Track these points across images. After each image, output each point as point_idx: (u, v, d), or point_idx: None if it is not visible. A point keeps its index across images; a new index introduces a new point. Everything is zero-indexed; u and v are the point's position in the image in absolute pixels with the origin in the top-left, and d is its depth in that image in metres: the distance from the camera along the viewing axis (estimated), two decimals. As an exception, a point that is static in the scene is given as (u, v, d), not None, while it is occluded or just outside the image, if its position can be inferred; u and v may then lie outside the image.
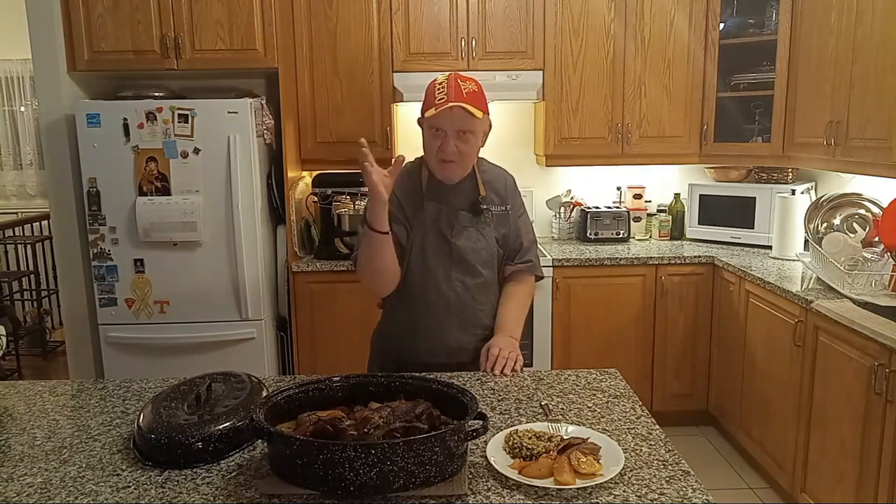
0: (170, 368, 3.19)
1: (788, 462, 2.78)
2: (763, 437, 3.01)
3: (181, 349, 3.19)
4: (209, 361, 3.20)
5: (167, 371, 3.15)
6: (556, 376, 1.80)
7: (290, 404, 1.40)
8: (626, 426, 1.50)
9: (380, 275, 1.84)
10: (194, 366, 3.19)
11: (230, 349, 3.22)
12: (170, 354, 3.19)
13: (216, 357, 3.20)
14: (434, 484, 1.22)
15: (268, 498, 1.22)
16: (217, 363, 3.19)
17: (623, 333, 3.52)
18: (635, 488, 1.24)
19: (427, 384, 1.44)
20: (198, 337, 3.17)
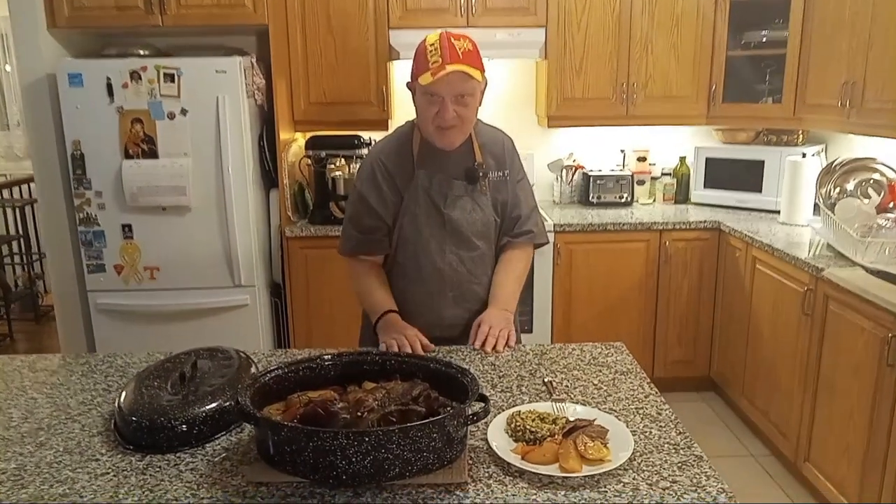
0: (162, 336, 3.12)
1: (792, 431, 2.74)
2: (767, 406, 2.96)
3: (173, 316, 3.11)
4: (202, 328, 3.13)
5: (159, 338, 3.09)
6: (559, 350, 1.73)
7: (279, 385, 1.32)
8: (633, 405, 1.42)
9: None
10: (187, 333, 3.12)
11: (223, 316, 3.14)
12: (161, 322, 3.11)
13: (209, 324, 3.13)
14: (432, 471, 1.15)
15: (255, 486, 1.14)
16: (210, 330, 3.13)
17: (625, 300, 3.45)
18: (645, 475, 1.16)
19: (425, 363, 1.36)
20: (189, 304, 3.09)
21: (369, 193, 1.82)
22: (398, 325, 1.75)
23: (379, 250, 1.87)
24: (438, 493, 1.12)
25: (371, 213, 1.82)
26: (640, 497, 1.10)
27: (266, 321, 3.27)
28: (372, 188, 1.82)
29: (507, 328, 1.78)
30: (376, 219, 1.82)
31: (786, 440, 2.80)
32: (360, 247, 1.87)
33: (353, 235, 1.87)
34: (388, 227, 1.83)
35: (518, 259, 1.91)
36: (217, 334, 3.13)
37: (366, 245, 1.87)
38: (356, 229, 1.86)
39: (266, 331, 3.26)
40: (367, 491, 1.12)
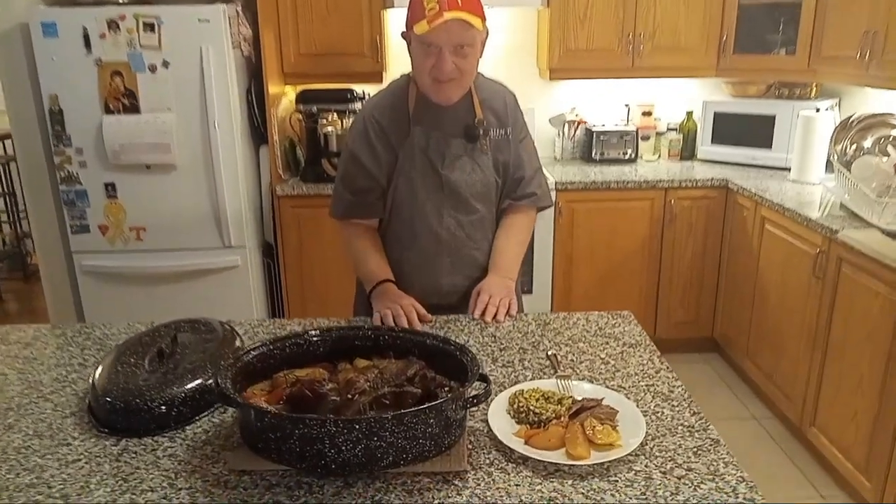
0: (151, 298, 3.03)
1: (798, 395, 2.67)
2: (772, 368, 2.90)
3: (161, 278, 3.01)
4: (192, 291, 3.04)
5: (148, 301, 3.00)
6: (563, 320, 1.63)
7: (263, 363, 1.22)
8: (644, 382, 1.33)
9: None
10: (177, 296, 3.03)
11: (214, 278, 3.04)
12: (150, 284, 3.02)
13: (199, 286, 3.04)
14: (429, 458, 1.06)
15: (237, 475, 1.06)
16: (201, 293, 3.04)
17: (628, 260, 3.35)
18: (658, 462, 1.08)
19: (420, 339, 1.26)
20: (178, 266, 2.99)
21: (361, 152, 1.70)
22: (393, 295, 1.65)
23: (372, 213, 1.76)
24: (436, 483, 1.04)
25: (363, 174, 1.71)
26: (653, 487, 1.02)
27: (258, 283, 3.17)
28: (364, 147, 1.70)
29: (508, 297, 1.68)
30: (369, 180, 1.71)
31: (791, 403, 2.74)
32: (352, 210, 1.76)
33: (345, 197, 1.75)
34: (382, 188, 1.72)
35: (520, 223, 1.80)
36: (208, 297, 3.04)
37: (358, 208, 1.75)
38: (348, 191, 1.75)
39: (258, 293, 3.17)
40: (358, 480, 1.04)
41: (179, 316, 3.05)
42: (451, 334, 1.55)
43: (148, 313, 3.04)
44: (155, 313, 3.04)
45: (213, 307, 3.05)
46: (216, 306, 3.06)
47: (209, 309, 3.03)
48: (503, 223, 1.80)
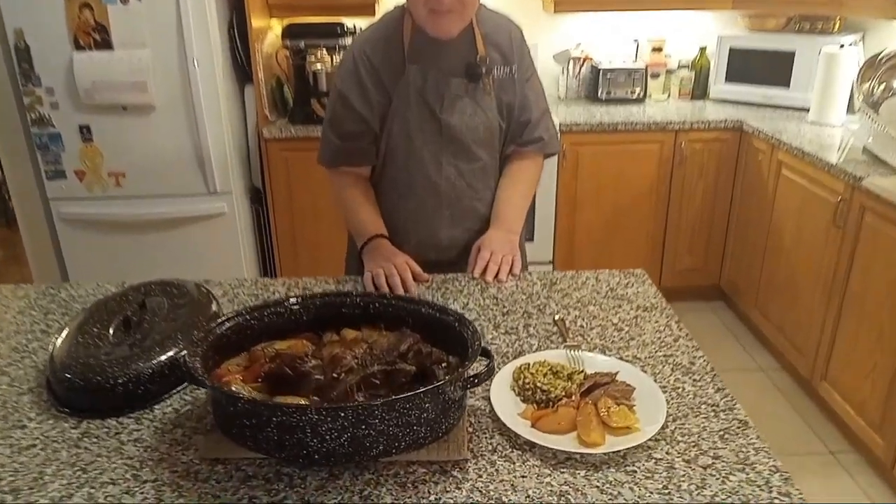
0: (134, 248, 2.89)
1: (810, 348, 2.58)
2: (782, 320, 2.79)
3: (144, 226, 2.86)
4: (178, 239, 2.90)
5: (131, 250, 2.87)
6: (571, 280, 1.50)
7: (239, 335, 1.09)
8: (661, 352, 1.21)
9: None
10: (162, 244, 2.89)
11: (200, 225, 2.90)
12: (132, 232, 2.87)
13: (185, 235, 2.89)
14: (424, 445, 0.95)
15: (209, 464, 0.94)
16: (186, 241, 2.90)
17: (634, 205, 3.20)
18: (681, 448, 0.96)
19: (415, 308, 1.13)
20: (161, 213, 2.84)
21: (351, 93, 1.54)
22: (386, 252, 1.51)
23: (364, 161, 1.60)
24: (432, 474, 0.92)
25: (353, 117, 1.54)
26: (676, 479, 0.91)
27: (247, 231, 3.03)
28: (354, 87, 1.53)
29: (512, 253, 1.54)
30: (360, 123, 1.55)
31: (801, 356, 2.65)
32: (341, 156, 1.60)
33: (333, 143, 1.60)
34: (374, 133, 1.56)
35: (525, 171, 1.65)
36: (195, 245, 2.91)
37: (348, 155, 1.60)
38: (336, 136, 1.59)
39: (247, 241, 3.03)
40: (345, 471, 0.93)
41: (166, 266, 2.94)
42: (450, 296, 1.42)
43: (132, 263, 2.91)
44: (139, 263, 2.92)
45: (201, 256, 2.92)
46: (204, 255, 2.92)
47: (196, 258, 2.90)
48: (507, 171, 1.65)
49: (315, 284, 1.48)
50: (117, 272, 2.90)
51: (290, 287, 1.47)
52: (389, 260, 1.48)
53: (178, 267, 2.92)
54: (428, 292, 1.44)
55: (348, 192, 1.62)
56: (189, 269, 2.92)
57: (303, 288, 1.47)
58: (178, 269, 2.90)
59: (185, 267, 2.92)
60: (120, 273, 2.89)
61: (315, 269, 3.14)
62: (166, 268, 2.91)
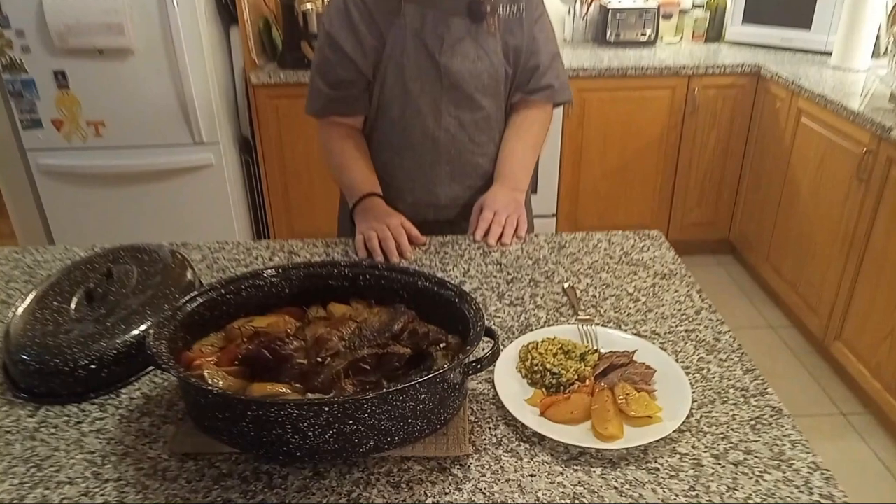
0: (118, 201, 2.75)
1: (824, 306, 2.47)
2: (795, 276, 2.68)
3: (128, 179, 2.72)
4: (163, 192, 2.76)
5: (115, 204, 2.74)
6: (581, 243, 1.38)
7: (214, 311, 0.98)
8: (682, 327, 1.10)
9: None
10: (147, 198, 2.76)
11: (187, 177, 2.75)
12: (116, 185, 2.73)
13: (171, 187, 2.75)
14: (420, 439, 0.84)
15: (179, 460, 0.84)
16: (173, 194, 2.76)
17: (643, 155, 3.06)
18: (709, 441, 0.86)
19: (411, 280, 1.01)
20: (145, 164, 2.69)
21: (340, 35, 1.39)
22: (380, 212, 1.39)
23: (355, 110, 1.46)
24: (429, 472, 0.82)
25: (344, 62, 1.40)
26: (704, 478, 0.80)
27: (236, 182, 2.88)
28: (344, 28, 1.38)
29: (517, 213, 1.41)
30: (351, 69, 1.40)
31: (814, 315, 2.55)
32: (330, 106, 1.46)
33: (322, 91, 1.45)
34: (367, 79, 1.42)
35: (533, 122, 1.50)
36: (181, 199, 2.77)
37: (338, 104, 1.46)
38: (325, 83, 1.44)
39: (237, 193, 2.89)
40: (331, 469, 0.82)
41: (153, 221, 2.81)
42: (449, 261, 1.30)
43: (118, 217, 2.78)
44: (125, 217, 2.79)
45: (189, 210, 2.79)
46: (192, 209, 2.79)
47: (184, 212, 2.78)
48: (513, 122, 1.51)
49: (302, 248, 1.36)
50: (102, 227, 2.78)
51: (274, 252, 1.35)
52: (383, 221, 1.35)
53: (166, 221, 2.79)
54: (425, 256, 1.32)
55: (338, 146, 1.48)
56: (177, 224, 2.80)
57: (289, 252, 1.34)
58: (166, 224, 2.78)
59: (172, 221, 2.80)
60: (105, 228, 2.77)
61: (309, 223, 3.01)
62: (153, 222, 2.79)
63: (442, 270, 1.27)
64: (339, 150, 1.48)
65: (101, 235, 2.78)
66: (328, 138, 1.50)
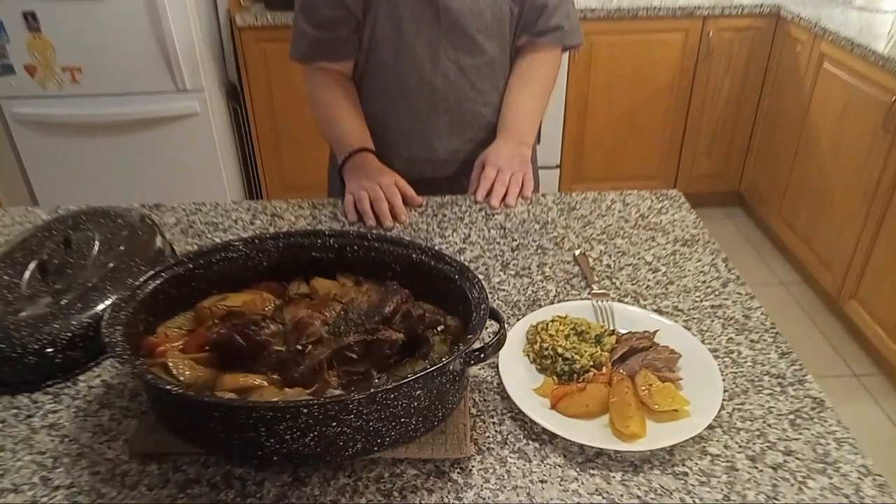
0: (100, 152, 2.61)
1: (839, 264, 2.36)
2: (809, 231, 2.57)
3: (108, 129, 2.57)
4: (147, 143, 2.61)
5: (96, 156, 2.60)
6: (593, 204, 1.25)
7: (182, 288, 0.86)
8: (708, 302, 0.98)
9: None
10: (130, 149, 2.62)
11: (171, 127, 2.60)
12: (96, 134, 2.58)
13: (155, 137, 2.61)
14: (415, 438, 0.74)
15: (141, 462, 0.74)
16: (158, 145, 2.62)
17: (652, 102, 2.90)
18: (743, 439, 0.76)
19: (404, 253, 0.89)
20: (126, 113, 2.54)
21: (326, -30, 1.23)
22: (372, 169, 1.26)
23: (344, 54, 1.32)
24: (425, 478, 0.72)
25: (330, 1, 1.25)
26: (739, 485, 0.70)
27: (224, 133, 2.73)
28: (330, -40, 1.23)
29: (522, 170, 1.29)
30: (337, 7, 1.26)
31: (828, 272, 2.44)
32: (316, 49, 1.32)
33: (307, 33, 1.31)
34: (356, 20, 1.27)
35: (540, 68, 1.36)
36: (166, 150, 2.63)
37: (324, 47, 1.32)
38: (310, 24, 1.30)
39: (225, 144, 2.74)
40: (313, 473, 0.72)
41: (137, 173, 2.67)
42: (448, 224, 1.18)
43: (100, 170, 2.64)
44: (108, 170, 2.65)
45: (175, 162, 2.65)
46: (178, 160, 2.65)
47: (169, 165, 2.64)
48: (518, 67, 1.37)
49: (286, 210, 1.23)
50: (85, 180, 2.65)
51: (255, 214, 1.22)
52: (374, 180, 1.23)
53: (151, 174, 2.66)
54: (421, 220, 1.20)
55: (326, 95, 1.35)
56: (163, 177, 2.67)
57: (271, 215, 1.22)
58: (151, 177, 2.66)
59: (158, 174, 2.66)
60: (88, 181, 2.64)
61: (302, 175, 2.88)
62: (138, 175, 2.65)
63: (440, 236, 1.15)
64: (326, 101, 1.35)
65: (84, 190, 2.64)
66: (315, 87, 1.36)
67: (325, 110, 1.35)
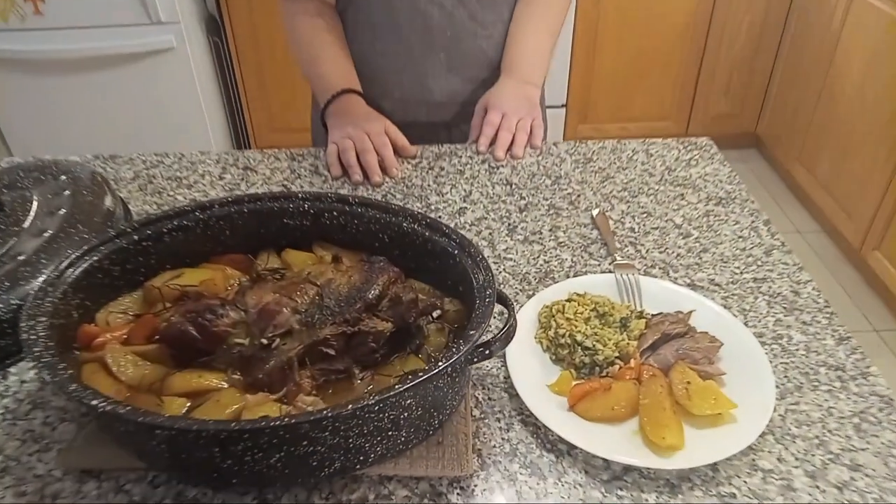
0: (72, 91, 2.42)
1: (863, 212, 2.22)
2: (832, 177, 2.41)
3: (78, 65, 2.37)
4: (121, 81, 2.42)
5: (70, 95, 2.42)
6: (611, 154, 1.10)
7: (127, 265, 0.72)
8: (749, 274, 0.84)
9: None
10: (103, 87, 2.43)
11: (146, 63, 2.40)
12: (66, 72, 2.39)
13: (129, 74, 2.41)
14: (405, 451, 0.61)
15: (77, 478, 0.61)
16: (132, 83, 2.43)
17: (666, 40, 2.69)
18: (799, 449, 0.63)
19: (393, 220, 0.74)
20: (96, 48, 2.34)
21: None
22: (358, 114, 1.10)
23: (325, -19, 1.14)
24: (418, 501, 0.59)
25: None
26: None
27: (205, 69, 2.53)
28: None
29: (530, 115, 1.13)
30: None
31: (851, 221, 2.30)
32: (294, -25, 1.14)
33: (284, -45, 1.12)
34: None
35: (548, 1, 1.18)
36: (142, 88, 2.44)
37: (304, -28, 1.13)
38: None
39: (207, 82, 2.54)
40: (283, 495, 0.60)
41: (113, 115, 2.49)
42: (445, 180, 1.03)
43: (71, 112, 2.45)
44: (79, 112, 2.46)
45: (151, 104, 2.47)
46: (154, 103, 2.47)
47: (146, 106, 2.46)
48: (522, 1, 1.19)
49: (261, 161, 1.08)
50: (56, 125, 2.47)
51: (225, 167, 1.07)
52: (361, 127, 1.07)
53: (128, 117, 2.47)
54: (416, 173, 1.05)
55: (307, 31, 1.17)
56: (141, 120, 2.49)
57: (244, 168, 1.07)
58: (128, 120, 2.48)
59: (135, 117, 2.48)
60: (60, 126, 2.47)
61: (292, 117, 2.69)
62: (113, 118, 2.47)
63: (437, 193, 1.00)
64: (307, 38, 1.17)
65: (59, 135, 2.47)
66: (292, 18, 1.19)
67: (306, 47, 1.18)
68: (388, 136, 1.07)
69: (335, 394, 0.62)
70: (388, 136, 1.07)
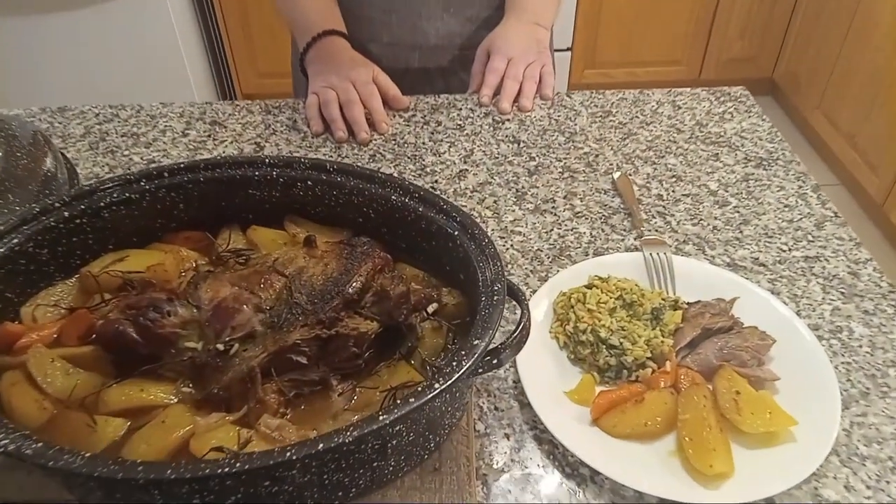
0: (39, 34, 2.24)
1: (889, 165, 2.08)
2: (855, 128, 2.26)
3: (47, 5, 2.18)
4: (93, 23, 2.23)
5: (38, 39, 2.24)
6: (633, 106, 0.96)
7: (59, 247, 0.59)
8: (799, 251, 0.72)
9: None
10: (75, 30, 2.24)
11: (122, 6, 2.21)
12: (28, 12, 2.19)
13: (101, 16, 2.22)
14: (394, 480, 0.50)
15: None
16: (105, 25, 2.24)
17: (680, -23, 2.49)
18: (870, 475, 0.52)
19: (379, 192, 0.61)
20: (63, -14, 2.15)
21: None
22: (342, 60, 0.95)
23: None
24: (410, 542, 0.48)
25: None
26: (875, 555, 0.47)
27: (184, 13, 2.34)
28: None
29: (540, 62, 0.99)
30: None
31: (873, 174, 2.16)
32: None
33: None
34: None
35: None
36: (116, 30, 2.25)
37: None
38: None
39: (184, 20, 2.35)
40: (245, 536, 0.49)
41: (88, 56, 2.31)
42: (442, 137, 0.89)
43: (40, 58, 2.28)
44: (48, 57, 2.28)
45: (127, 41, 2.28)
46: (129, 47, 2.28)
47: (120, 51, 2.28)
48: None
49: (231, 115, 0.94)
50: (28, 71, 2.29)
51: (190, 121, 0.93)
52: (346, 74, 0.92)
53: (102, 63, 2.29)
54: (408, 129, 0.91)
55: None
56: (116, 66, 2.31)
57: (211, 122, 0.93)
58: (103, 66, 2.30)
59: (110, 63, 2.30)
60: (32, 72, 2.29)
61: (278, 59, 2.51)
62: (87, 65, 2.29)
63: (433, 153, 0.87)
64: None
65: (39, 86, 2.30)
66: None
67: None
68: (376, 84, 0.93)
69: (309, 411, 0.51)
70: (377, 84, 0.93)
